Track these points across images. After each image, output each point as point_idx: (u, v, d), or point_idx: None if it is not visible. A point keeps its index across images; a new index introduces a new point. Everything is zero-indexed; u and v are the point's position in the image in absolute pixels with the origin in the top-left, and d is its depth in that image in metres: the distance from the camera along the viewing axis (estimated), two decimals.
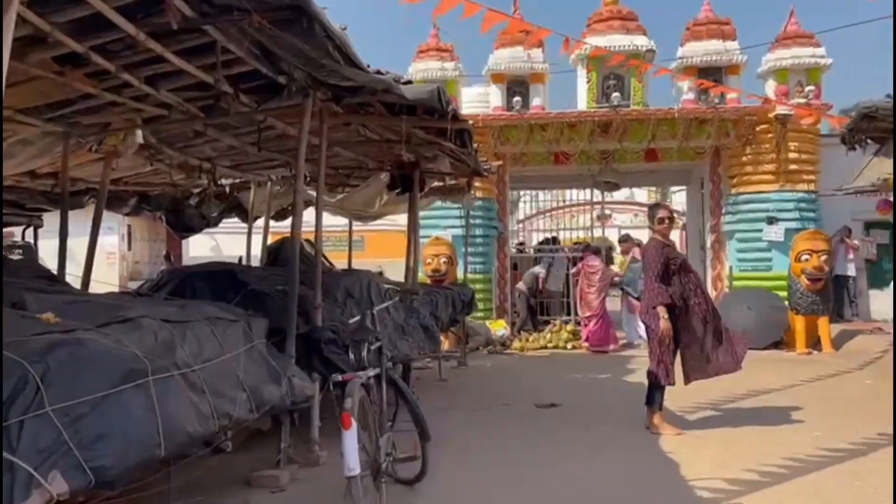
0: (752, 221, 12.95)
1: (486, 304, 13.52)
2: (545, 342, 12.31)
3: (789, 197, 12.73)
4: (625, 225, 37.93)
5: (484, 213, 13.56)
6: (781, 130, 12.55)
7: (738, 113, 12.77)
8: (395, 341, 6.31)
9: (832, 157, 13.05)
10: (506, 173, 14.10)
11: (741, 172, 13.16)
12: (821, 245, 11.07)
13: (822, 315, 11.17)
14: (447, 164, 7.51)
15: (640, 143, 13.24)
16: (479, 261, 13.50)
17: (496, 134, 13.25)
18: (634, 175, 16.54)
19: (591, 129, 13.12)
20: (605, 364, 10.36)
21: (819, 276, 10.97)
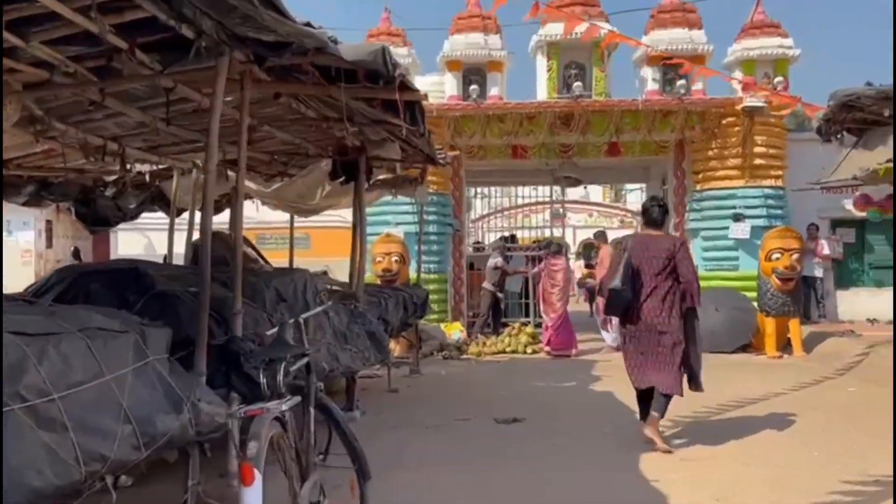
0: (718, 219, 12.41)
1: (441, 306, 12.71)
2: (503, 346, 11.54)
3: (756, 193, 12.22)
4: (580, 224, 37.78)
5: (439, 209, 12.74)
6: (749, 123, 12.03)
7: (704, 105, 12.21)
8: (336, 352, 5.44)
9: (799, 153, 12.62)
10: (462, 167, 13.32)
11: (706, 167, 12.60)
12: (792, 243, 10.53)
13: (792, 316, 10.64)
14: (397, 150, 6.66)
15: (602, 137, 12.60)
16: (434, 260, 12.68)
17: (451, 125, 12.44)
18: (595, 171, 15.96)
19: (551, 121, 12.41)
20: (567, 370, 9.62)
21: (790, 275, 10.43)
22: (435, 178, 12.54)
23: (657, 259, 5.48)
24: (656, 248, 5.53)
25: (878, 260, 13.39)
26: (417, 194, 9.33)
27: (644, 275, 5.49)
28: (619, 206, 40.96)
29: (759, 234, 12.04)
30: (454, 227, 13.12)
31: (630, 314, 5.56)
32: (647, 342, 5.51)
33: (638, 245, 5.62)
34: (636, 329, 5.56)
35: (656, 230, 5.76)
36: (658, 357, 5.47)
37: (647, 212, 5.83)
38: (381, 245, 11.17)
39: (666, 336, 5.44)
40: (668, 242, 5.60)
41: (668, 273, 5.47)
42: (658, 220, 5.75)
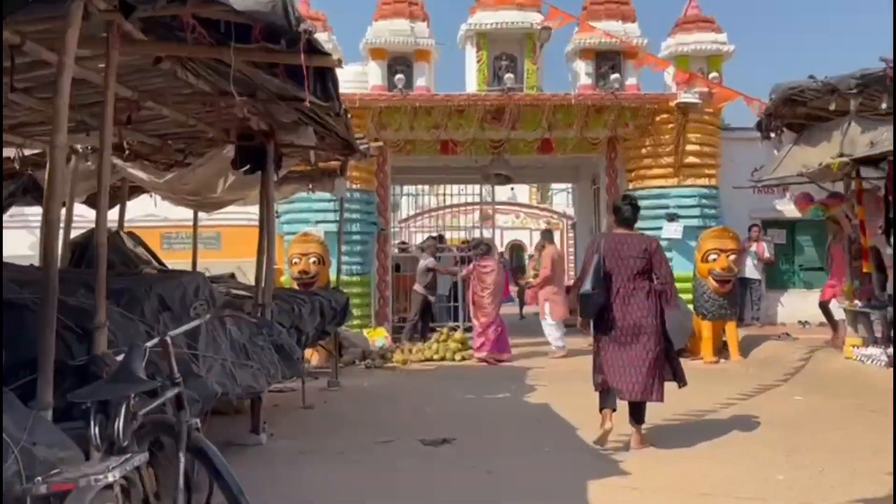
0: (652, 219, 11.97)
1: (364, 311, 11.89)
2: (431, 353, 10.81)
3: (690, 192, 11.87)
4: (507, 226, 37.53)
5: (362, 207, 11.93)
6: (682, 120, 11.67)
7: (637, 100, 11.79)
8: (234, 370, 4.59)
9: (731, 153, 12.39)
10: (387, 162, 12.53)
11: (639, 166, 12.20)
12: (729, 244, 10.18)
13: (729, 319, 10.29)
14: (311, 135, 5.83)
15: (533, 132, 12.03)
16: (357, 261, 11.85)
17: (376, 117, 11.64)
18: (526, 170, 15.47)
19: (481, 115, 11.76)
20: (499, 379, 8.97)
21: (728, 277, 10.07)
22: (358, 174, 11.72)
23: (634, 259, 5.30)
24: (632, 249, 5.36)
25: (808, 262, 13.27)
26: (336, 188, 8.51)
27: (620, 276, 5.29)
28: (545, 207, 41.13)
29: (693, 234, 11.71)
30: (379, 227, 12.32)
31: (606, 317, 5.32)
32: (627, 346, 5.28)
33: (612, 245, 5.40)
34: (615, 332, 5.31)
35: (629, 229, 5.57)
36: (640, 363, 5.25)
37: (619, 211, 5.61)
38: (299, 245, 10.26)
39: (647, 339, 5.27)
40: (644, 242, 5.45)
41: (647, 273, 5.34)
42: (630, 219, 5.58)
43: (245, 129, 5.67)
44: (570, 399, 7.36)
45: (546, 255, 11.60)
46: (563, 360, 10.63)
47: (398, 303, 13.13)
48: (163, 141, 6.18)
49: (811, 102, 7.88)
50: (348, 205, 11.55)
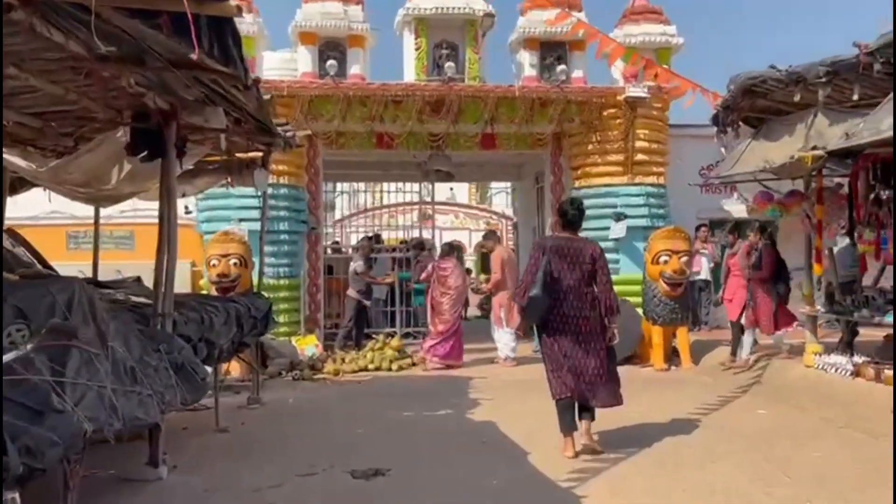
0: (599, 218, 11.44)
1: (293, 317, 10.99)
2: (365, 363, 9.98)
3: (638, 191, 11.36)
4: (446, 226, 36.87)
5: (291, 204, 11.01)
6: (631, 115, 11.15)
7: (585, 94, 11.21)
8: (115, 399, 3.70)
9: (678, 150, 11.96)
10: (318, 156, 11.65)
11: (585, 163, 11.63)
12: (681, 245, 9.67)
13: (681, 324, 9.79)
14: (221, 116, 4.96)
15: (475, 126, 11.31)
16: (285, 263, 10.93)
17: (305, 106, 10.74)
18: (466, 168, 14.78)
19: (419, 107, 10.98)
20: (441, 393, 8.22)
21: (679, 280, 9.56)
22: (286, 168, 10.83)
23: (580, 264, 5.25)
24: (578, 253, 5.30)
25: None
26: (257, 182, 7.61)
27: (565, 279, 5.20)
28: (485, 207, 40.68)
29: (640, 234, 11.22)
30: (309, 225, 11.42)
31: (552, 321, 5.24)
32: (577, 352, 5.22)
33: (557, 249, 5.30)
34: (563, 338, 5.24)
35: (573, 233, 5.53)
36: (593, 368, 5.25)
37: (565, 213, 5.52)
38: (217, 245, 9.28)
39: (597, 343, 5.28)
40: (589, 247, 5.41)
41: (591, 278, 5.28)
42: (576, 223, 5.55)
43: (141, 107, 4.76)
44: (518, 415, 6.71)
45: (496, 258, 10.94)
46: (509, 368, 9.97)
47: (331, 308, 12.25)
48: (43, 122, 5.21)
49: (772, 94, 7.39)
50: (275, 201, 10.66)
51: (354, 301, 10.71)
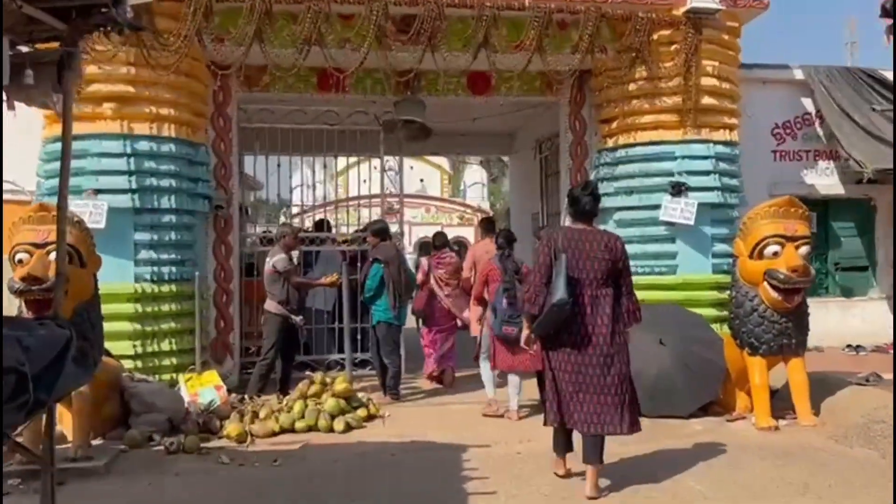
0: (643, 192, 7.83)
1: (184, 342, 7.16)
2: (291, 419, 6.18)
3: (703, 150, 7.72)
4: (416, 221, 33.23)
5: (182, 169, 7.20)
6: (694, 39, 7.51)
7: (626, 7, 7.53)
8: None
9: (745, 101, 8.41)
10: (230, 100, 7.86)
11: (624, 111, 7.98)
12: (800, 226, 6.03)
13: (793, 354, 6.15)
14: None
15: (462, 56, 7.54)
16: (172, 258, 7.12)
17: (200, 18, 6.88)
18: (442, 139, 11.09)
19: (379, 25, 7.18)
20: (422, 486, 4.52)
21: (799, 282, 5.91)
22: (173, 112, 7.05)
23: (598, 262, 4.33)
24: (594, 248, 4.36)
25: (847, 258, 9.46)
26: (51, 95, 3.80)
27: (584, 281, 4.32)
28: (458, 200, 37.15)
29: (706, 215, 7.64)
30: (214, 202, 7.61)
31: (565, 331, 4.32)
32: (589, 372, 4.31)
33: (573, 243, 4.36)
34: (575, 354, 4.32)
35: (588, 224, 4.51)
36: (606, 391, 4.29)
37: (578, 202, 4.49)
38: (27, 230, 5.34)
39: (614, 361, 4.31)
40: (607, 239, 4.43)
41: (611, 279, 4.36)
42: (592, 212, 4.53)
43: None
44: None
45: (469, 257, 7.50)
46: (516, 424, 6.27)
47: (252, 325, 8.38)
48: None
49: None
50: (156, 162, 6.86)
51: (276, 319, 6.88)
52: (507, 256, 6.42)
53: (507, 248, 6.47)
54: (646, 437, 5.45)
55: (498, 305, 6.25)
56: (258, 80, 7.90)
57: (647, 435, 5.55)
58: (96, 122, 6.83)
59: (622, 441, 4.88)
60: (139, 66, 6.85)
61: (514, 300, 6.09)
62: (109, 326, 6.70)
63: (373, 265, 7.18)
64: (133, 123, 6.88)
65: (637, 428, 4.46)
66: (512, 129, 12.05)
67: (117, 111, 6.84)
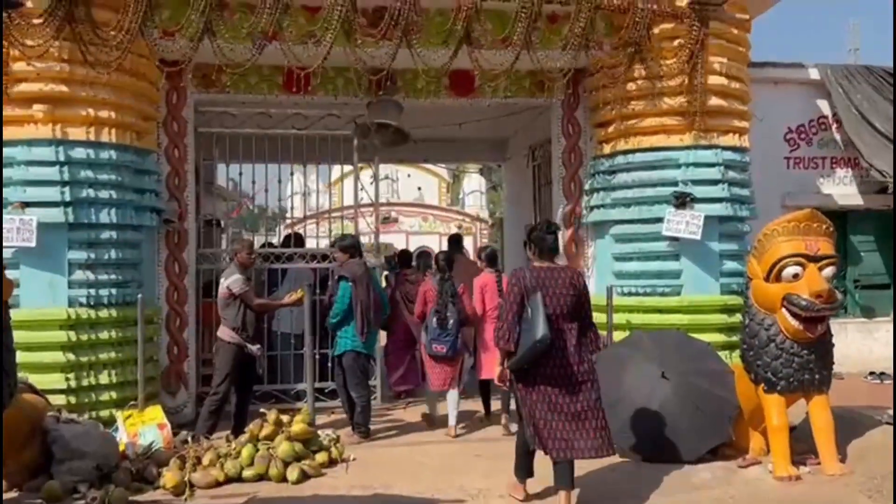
0: (643, 203, 7.03)
1: (126, 374, 6.37)
2: (239, 466, 5.38)
3: (710, 157, 6.93)
4: (413, 230, 32.52)
5: (126, 179, 6.42)
6: (699, 33, 6.72)
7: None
8: None
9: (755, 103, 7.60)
10: (184, 102, 7.09)
11: (621, 114, 7.18)
12: (824, 244, 5.23)
13: (816, 391, 5.32)
14: None
15: (441, 51, 6.75)
16: (113, 278, 6.33)
17: (149, 5, 6.10)
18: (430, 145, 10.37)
19: (345, 15, 6.39)
20: None
21: (824, 310, 5.10)
22: (115, 115, 6.29)
23: (564, 297, 4.52)
24: (560, 285, 4.54)
25: (868, 275, 8.65)
26: None
27: (554, 315, 4.46)
28: (456, 209, 36.41)
29: (713, 228, 6.85)
30: (164, 217, 6.83)
31: (536, 366, 4.47)
32: (560, 400, 4.47)
33: (542, 281, 4.51)
34: (547, 384, 4.48)
35: (552, 262, 4.68)
36: (577, 418, 4.47)
37: (542, 240, 4.67)
38: None
39: (583, 389, 4.50)
40: (570, 276, 4.64)
41: (576, 312, 4.56)
42: (556, 249, 4.79)
43: None
44: None
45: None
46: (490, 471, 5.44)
47: (209, 350, 7.56)
48: None
49: None
50: (94, 172, 6.11)
51: (229, 348, 6.07)
52: (445, 279, 6.61)
53: (446, 272, 6.68)
54: (646, 486, 4.78)
55: (430, 325, 6.53)
56: (216, 79, 7.12)
57: (647, 484, 4.88)
58: (25, 127, 6.06)
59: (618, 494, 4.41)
60: (75, 64, 6.08)
61: (444, 322, 6.45)
62: (38, 357, 5.98)
63: (339, 284, 6.39)
64: (68, 128, 6.10)
65: (609, 452, 4.63)
66: (505, 134, 11.29)
67: (49, 114, 6.06)
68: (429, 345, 6.56)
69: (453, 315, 6.46)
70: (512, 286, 4.59)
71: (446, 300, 6.50)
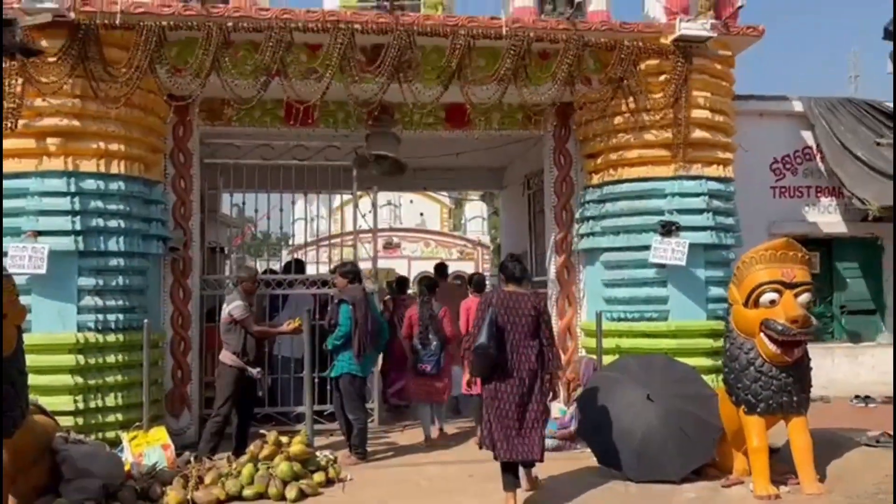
0: (632, 231, 7.28)
1: (132, 397, 6.60)
2: (239, 485, 5.59)
3: (694, 187, 7.19)
4: (416, 255, 32.72)
5: (134, 209, 6.69)
6: (683, 68, 7.02)
7: (611, 35, 7.07)
8: None
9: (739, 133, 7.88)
10: (190, 135, 7.39)
11: (610, 146, 7.46)
12: (799, 271, 5.47)
13: (795, 413, 5.53)
14: None
15: (435, 86, 7.06)
16: (120, 304, 6.58)
17: (154, 46, 6.45)
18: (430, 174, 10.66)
19: (346, 54, 6.73)
20: None
21: (799, 334, 5.33)
22: (124, 148, 6.58)
23: (524, 317, 5.14)
24: (523, 306, 5.17)
25: (854, 301, 8.87)
26: None
27: (513, 332, 5.11)
28: (457, 234, 36.64)
29: (699, 256, 7.09)
30: (168, 244, 7.09)
31: (497, 375, 5.09)
32: (517, 406, 5.06)
33: (504, 302, 5.17)
34: (506, 392, 5.08)
35: (518, 287, 5.30)
36: (527, 423, 5.09)
37: (507, 269, 5.38)
38: None
39: (537, 399, 5.12)
40: (533, 300, 5.26)
41: (536, 332, 5.15)
42: (519, 278, 5.36)
43: None
44: None
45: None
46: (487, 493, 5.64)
47: (210, 374, 7.79)
48: None
49: None
50: (103, 202, 6.39)
51: (230, 371, 6.31)
52: (426, 303, 7.27)
53: (427, 295, 7.37)
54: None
55: (415, 345, 7.20)
56: (221, 113, 7.44)
57: None
58: (39, 159, 6.35)
59: None
60: (87, 99, 6.39)
61: (426, 342, 7.12)
62: (48, 380, 6.21)
63: (340, 306, 6.62)
64: (79, 160, 6.39)
65: (540, 458, 5.19)
66: (501, 163, 11.58)
67: (62, 147, 6.36)
68: (415, 363, 7.17)
69: (435, 336, 7.11)
70: (481, 304, 5.28)
71: (426, 322, 7.13)
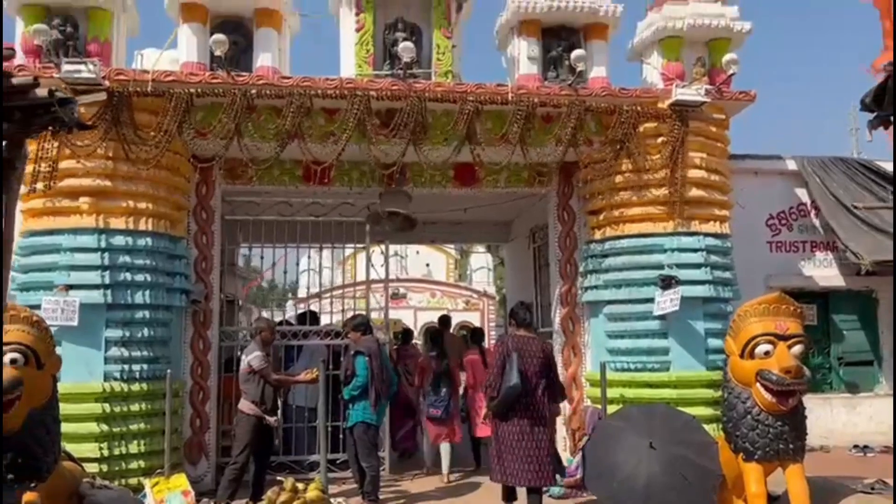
0: (632, 285, 7.59)
1: (154, 444, 6.86)
2: None
3: (692, 243, 7.52)
4: (421, 305, 32.92)
5: (159, 263, 7.05)
6: (680, 131, 7.43)
7: (611, 100, 7.51)
8: None
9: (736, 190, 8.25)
10: (213, 194, 7.79)
11: (612, 203, 7.83)
12: (792, 324, 5.75)
13: (791, 460, 5.75)
14: None
15: (445, 148, 7.49)
16: (145, 355, 6.88)
17: (183, 112, 6.91)
18: (439, 227, 11.06)
19: (360, 117, 7.18)
20: None
21: (793, 385, 5.58)
22: (151, 206, 6.97)
23: (536, 358, 5.84)
24: (534, 349, 5.88)
25: (851, 352, 9.11)
26: None
27: (528, 372, 5.75)
28: (463, 285, 36.89)
29: (698, 309, 7.38)
30: (192, 297, 7.43)
31: (514, 410, 5.75)
32: (527, 437, 5.72)
33: (520, 345, 5.84)
34: (522, 423, 5.74)
35: (528, 331, 6.01)
36: (534, 452, 5.71)
37: (518, 315, 6.06)
38: None
39: (544, 430, 5.82)
40: (542, 344, 6.00)
41: (544, 372, 5.86)
42: (529, 322, 6.05)
43: None
44: None
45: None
46: None
47: (231, 423, 8.05)
48: None
49: None
50: (131, 257, 6.75)
51: (248, 420, 6.57)
52: (436, 355, 8.19)
53: (437, 347, 8.38)
54: None
55: (427, 392, 8.06)
56: (242, 172, 7.84)
57: None
58: (71, 217, 6.75)
59: None
60: (118, 161, 6.82)
61: (437, 390, 7.97)
62: (75, 427, 6.48)
63: (356, 357, 6.89)
64: (109, 218, 6.79)
65: (551, 482, 6.01)
66: (508, 217, 11.94)
67: (94, 205, 6.76)
68: (427, 409, 8.03)
69: (445, 385, 8.00)
70: (498, 349, 5.94)
71: (440, 374, 8.00)
